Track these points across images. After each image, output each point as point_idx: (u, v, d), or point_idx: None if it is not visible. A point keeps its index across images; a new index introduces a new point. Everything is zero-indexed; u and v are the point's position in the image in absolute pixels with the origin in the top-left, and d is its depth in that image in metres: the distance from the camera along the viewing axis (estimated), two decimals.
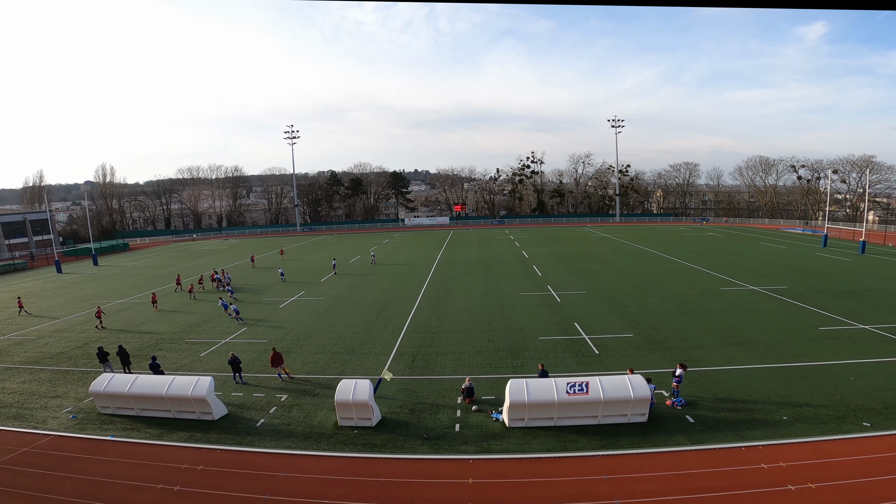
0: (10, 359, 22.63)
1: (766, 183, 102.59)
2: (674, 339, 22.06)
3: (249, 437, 14.59)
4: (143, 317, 29.26)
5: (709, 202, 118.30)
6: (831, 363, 18.63)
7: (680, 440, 13.60)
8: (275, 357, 18.68)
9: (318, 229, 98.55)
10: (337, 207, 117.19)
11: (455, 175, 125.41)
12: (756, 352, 20.11)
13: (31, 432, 15.30)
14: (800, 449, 12.88)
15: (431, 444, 13.88)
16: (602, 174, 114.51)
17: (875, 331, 22.24)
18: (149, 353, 21.19)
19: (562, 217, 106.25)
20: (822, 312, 25.52)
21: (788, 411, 14.94)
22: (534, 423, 14.52)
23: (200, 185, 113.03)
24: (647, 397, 14.51)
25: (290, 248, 64.93)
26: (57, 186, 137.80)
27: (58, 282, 45.28)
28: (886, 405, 15.06)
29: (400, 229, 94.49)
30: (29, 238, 72.15)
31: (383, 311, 28.43)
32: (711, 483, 11.51)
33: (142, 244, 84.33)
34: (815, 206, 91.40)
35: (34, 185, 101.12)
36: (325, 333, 24.56)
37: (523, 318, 26.18)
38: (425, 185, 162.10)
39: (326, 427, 15.04)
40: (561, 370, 18.52)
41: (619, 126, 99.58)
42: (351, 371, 19.40)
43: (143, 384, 16.23)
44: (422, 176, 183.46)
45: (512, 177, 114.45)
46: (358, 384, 15.07)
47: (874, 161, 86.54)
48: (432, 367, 19.59)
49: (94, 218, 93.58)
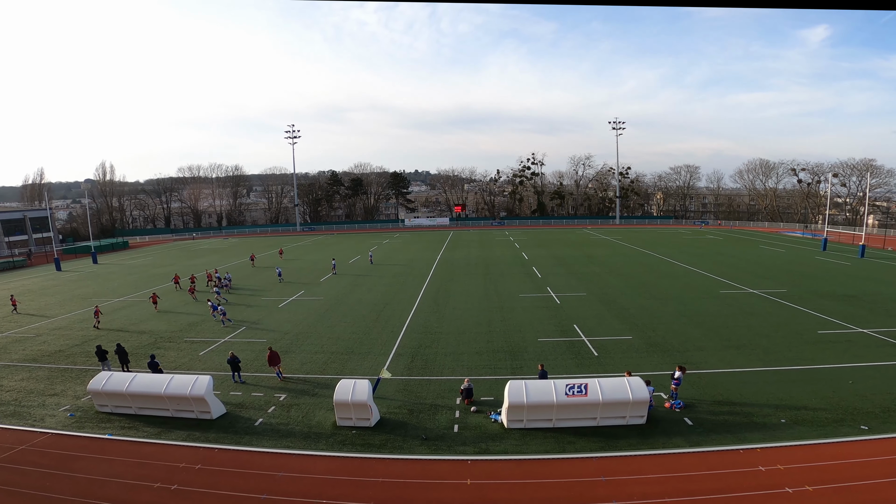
0: (9, 356, 22.61)
1: (766, 186, 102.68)
2: (673, 341, 22.07)
3: (248, 437, 14.58)
4: (142, 315, 29.24)
5: (709, 205, 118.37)
6: (830, 367, 18.65)
7: (678, 442, 13.61)
8: (272, 356, 18.73)
9: (318, 229, 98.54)
10: (337, 207, 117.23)
11: (455, 176, 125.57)
12: (755, 355, 20.13)
13: (29, 430, 15.29)
14: (798, 452, 12.89)
15: (430, 445, 13.88)
16: (602, 176, 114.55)
17: (874, 335, 22.26)
18: (147, 352, 21.16)
19: (562, 219, 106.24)
20: (821, 316, 25.53)
21: (786, 414, 14.95)
22: (532, 425, 14.53)
23: (201, 183, 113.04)
24: (645, 399, 14.52)
25: (290, 247, 64.95)
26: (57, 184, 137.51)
27: (57, 280, 45.25)
28: (884, 409, 15.08)
29: (400, 230, 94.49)
30: (29, 236, 72.15)
31: (383, 312, 28.43)
32: (709, 485, 11.52)
33: (141, 242, 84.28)
34: (815, 210, 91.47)
35: (34, 183, 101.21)
36: (324, 333, 24.56)
37: (522, 319, 26.19)
38: (425, 185, 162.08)
39: (325, 427, 15.04)
40: (560, 372, 18.52)
41: (620, 128, 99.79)
42: (350, 371, 19.39)
43: (142, 383, 16.22)
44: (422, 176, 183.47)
45: (512, 178, 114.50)
46: (357, 384, 15.07)
47: (874, 165, 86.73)
48: (431, 368, 19.59)
49: (94, 216, 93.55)
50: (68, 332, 26.28)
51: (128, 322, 27.96)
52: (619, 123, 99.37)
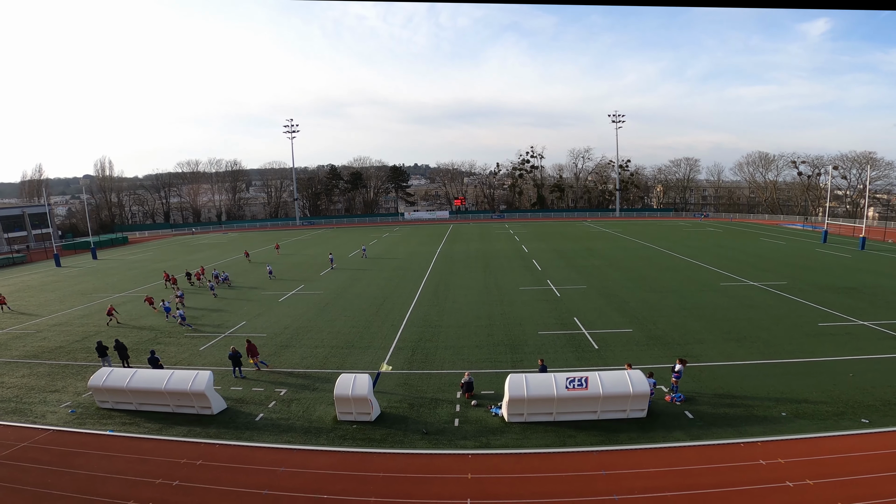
0: (9, 353, 22.60)
1: (767, 179, 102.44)
2: (673, 334, 22.05)
3: (248, 432, 14.59)
4: (142, 311, 29.21)
5: (709, 197, 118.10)
6: (830, 359, 18.64)
7: (678, 436, 13.62)
8: (250, 348, 19.12)
9: (317, 223, 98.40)
10: (336, 201, 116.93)
11: (455, 169, 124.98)
12: (755, 348, 20.12)
13: (30, 427, 15.29)
14: (798, 445, 12.89)
15: (430, 439, 13.88)
16: (602, 169, 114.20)
17: (874, 327, 22.24)
18: (147, 348, 21.16)
19: (562, 212, 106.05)
20: (822, 308, 25.51)
21: (787, 407, 14.95)
22: (533, 419, 14.53)
23: (200, 179, 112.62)
24: (646, 393, 14.51)
25: (290, 242, 64.86)
26: (56, 180, 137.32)
27: (57, 275, 45.19)
28: (885, 402, 15.08)
29: (399, 223, 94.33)
30: (28, 232, 71.99)
31: (382, 306, 28.40)
32: (710, 479, 11.53)
33: (141, 238, 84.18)
34: (816, 203, 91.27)
35: (33, 179, 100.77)
36: (324, 327, 24.54)
37: (523, 312, 26.17)
38: (425, 179, 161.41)
39: (325, 422, 15.04)
40: (560, 365, 18.52)
41: (620, 121, 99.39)
42: (350, 365, 19.38)
43: (142, 378, 16.21)
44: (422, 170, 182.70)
45: (512, 171, 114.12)
46: (357, 379, 15.06)
47: (874, 157, 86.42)
48: (431, 362, 19.58)
49: (93, 212, 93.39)
50: (68, 329, 26.26)
51: (128, 318, 27.93)
52: (618, 117, 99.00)
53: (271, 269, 39.44)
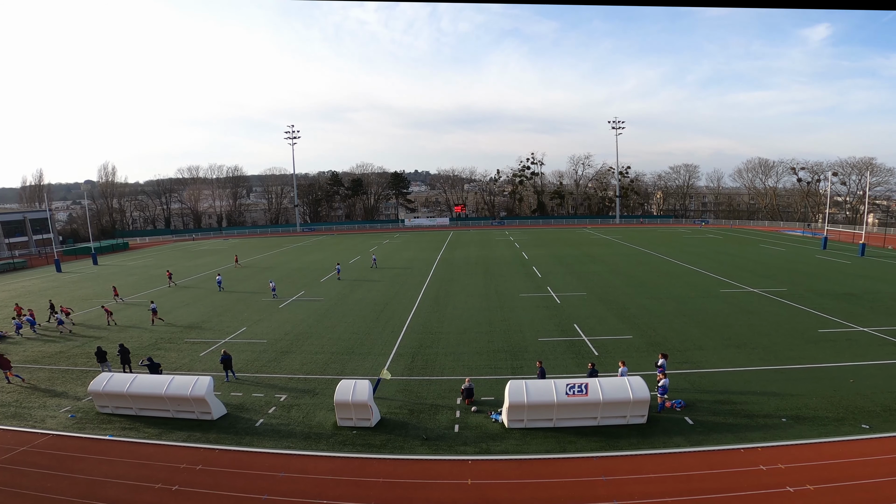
0: (9, 358, 22.54)
1: (766, 185, 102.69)
2: (673, 340, 22.05)
3: (248, 437, 14.58)
4: (143, 316, 29.21)
5: (709, 204, 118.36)
6: (830, 365, 18.64)
7: (679, 442, 13.61)
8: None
9: (318, 229, 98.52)
10: (337, 208, 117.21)
11: (455, 176, 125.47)
12: (755, 354, 20.12)
13: (30, 431, 15.29)
14: (798, 451, 12.88)
15: (430, 445, 13.87)
16: (602, 176, 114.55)
17: (874, 333, 22.24)
18: (147, 353, 21.19)
19: (562, 218, 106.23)
20: (822, 315, 25.52)
21: (787, 413, 14.94)
22: (533, 424, 14.52)
23: (200, 184, 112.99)
24: (646, 399, 14.51)
25: (290, 248, 64.92)
26: (57, 185, 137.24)
27: (57, 281, 45.23)
28: (885, 407, 15.07)
29: (400, 230, 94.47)
30: (29, 237, 72.13)
31: (383, 312, 28.42)
32: (710, 485, 11.52)
33: (141, 243, 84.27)
34: (815, 209, 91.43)
35: (34, 184, 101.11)
36: (324, 334, 24.55)
37: (523, 319, 26.18)
38: (426, 185, 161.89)
39: (325, 427, 15.04)
40: (560, 371, 18.52)
41: (620, 127, 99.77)
42: (350, 371, 19.39)
43: (143, 384, 16.23)
44: (422, 176, 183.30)
45: (512, 178, 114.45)
46: (357, 384, 15.07)
47: (874, 163, 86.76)
48: (432, 368, 19.58)
49: (94, 217, 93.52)
50: (69, 334, 26.25)
51: (128, 323, 27.94)
52: (618, 123, 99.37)
53: (274, 287, 34.42)
